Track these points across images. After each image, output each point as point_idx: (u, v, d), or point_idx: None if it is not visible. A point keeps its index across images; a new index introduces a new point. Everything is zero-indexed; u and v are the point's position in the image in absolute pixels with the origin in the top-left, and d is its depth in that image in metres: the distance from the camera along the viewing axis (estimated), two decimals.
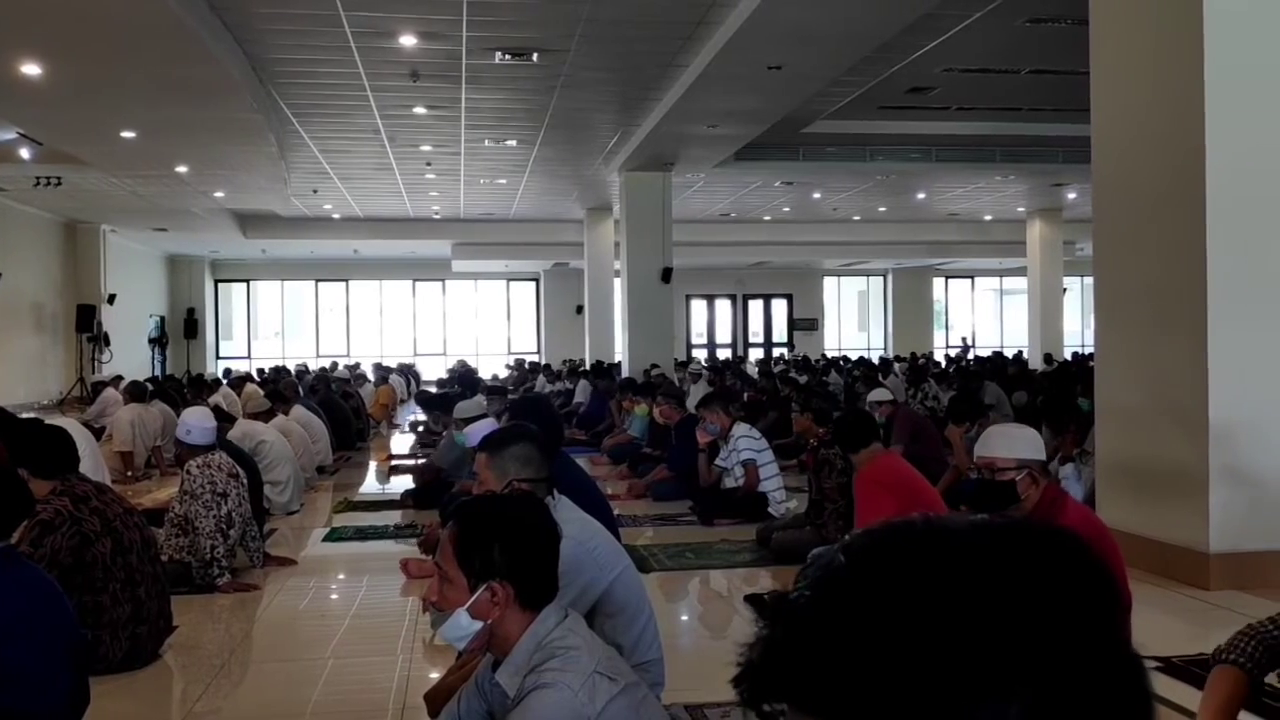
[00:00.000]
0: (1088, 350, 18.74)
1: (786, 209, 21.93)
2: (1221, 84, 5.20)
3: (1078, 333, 26.62)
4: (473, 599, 2.21)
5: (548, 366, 21.20)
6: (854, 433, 5.18)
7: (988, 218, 23.55)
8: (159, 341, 24.96)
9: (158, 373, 22.31)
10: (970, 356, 20.66)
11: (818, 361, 20.66)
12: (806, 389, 11.25)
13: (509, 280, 29.20)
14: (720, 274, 28.31)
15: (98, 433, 9.78)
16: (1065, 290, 22.76)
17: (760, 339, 30.31)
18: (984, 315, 31.62)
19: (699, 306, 29.95)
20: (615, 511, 5.30)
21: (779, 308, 30.48)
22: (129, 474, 9.54)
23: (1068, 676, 0.57)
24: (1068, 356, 19.71)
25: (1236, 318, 5.23)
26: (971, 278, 31.05)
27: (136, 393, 10.52)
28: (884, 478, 4.86)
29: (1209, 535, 5.15)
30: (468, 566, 2.22)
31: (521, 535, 2.27)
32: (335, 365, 21.80)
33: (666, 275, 15.96)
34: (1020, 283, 25.47)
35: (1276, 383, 5.26)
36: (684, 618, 5.45)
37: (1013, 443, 3.41)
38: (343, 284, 28.72)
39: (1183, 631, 4.55)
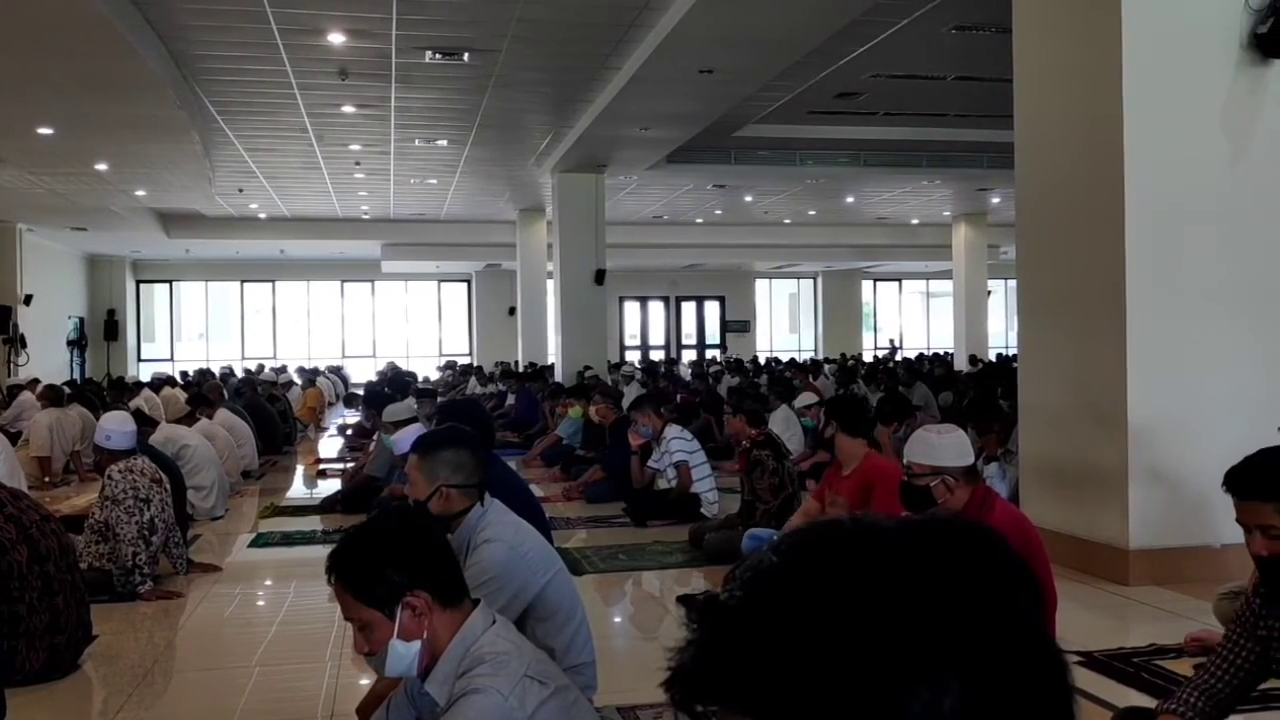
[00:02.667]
0: (1011, 352, 19.13)
1: (718, 212, 22.07)
2: (1140, 92, 5.35)
3: (1002, 334, 27.19)
4: (397, 625, 2.18)
5: (480, 369, 21.07)
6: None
7: (915, 222, 23.94)
8: (78, 344, 24.28)
9: (76, 376, 21.70)
10: (898, 358, 20.96)
11: (750, 363, 20.81)
12: (739, 392, 11.33)
13: (440, 281, 28.94)
14: (653, 276, 28.38)
15: (13, 437, 9.52)
16: (990, 293, 23.22)
17: (693, 341, 30.45)
18: (911, 317, 32.12)
19: (632, 308, 29.99)
20: (548, 514, 5.28)
21: (712, 310, 30.64)
22: (46, 480, 9.29)
23: (994, 669, 0.58)
24: (992, 358, 20.10)
25: (1155, 320, 5.38)
26: (899, 280, 31.53)
27: (54, 396, 10.24)
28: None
29: (1129, 532, 5.29)
30: (375, 601, 2.19)
31: (404, 544, 2.25)
32: (261, 368, 21.41)
33: (600, 277, 15.96)
34: (946, 285, 25.93)
35: (1193, 383, 5.43)
36: (617, 620, 5.45)
37: (930, 449, 3.48)
38: (269, 285, 28.22)
39: (1104, 626, 4.67)
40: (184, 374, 19.62)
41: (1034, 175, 6.12)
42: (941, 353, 21.38)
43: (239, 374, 18.77)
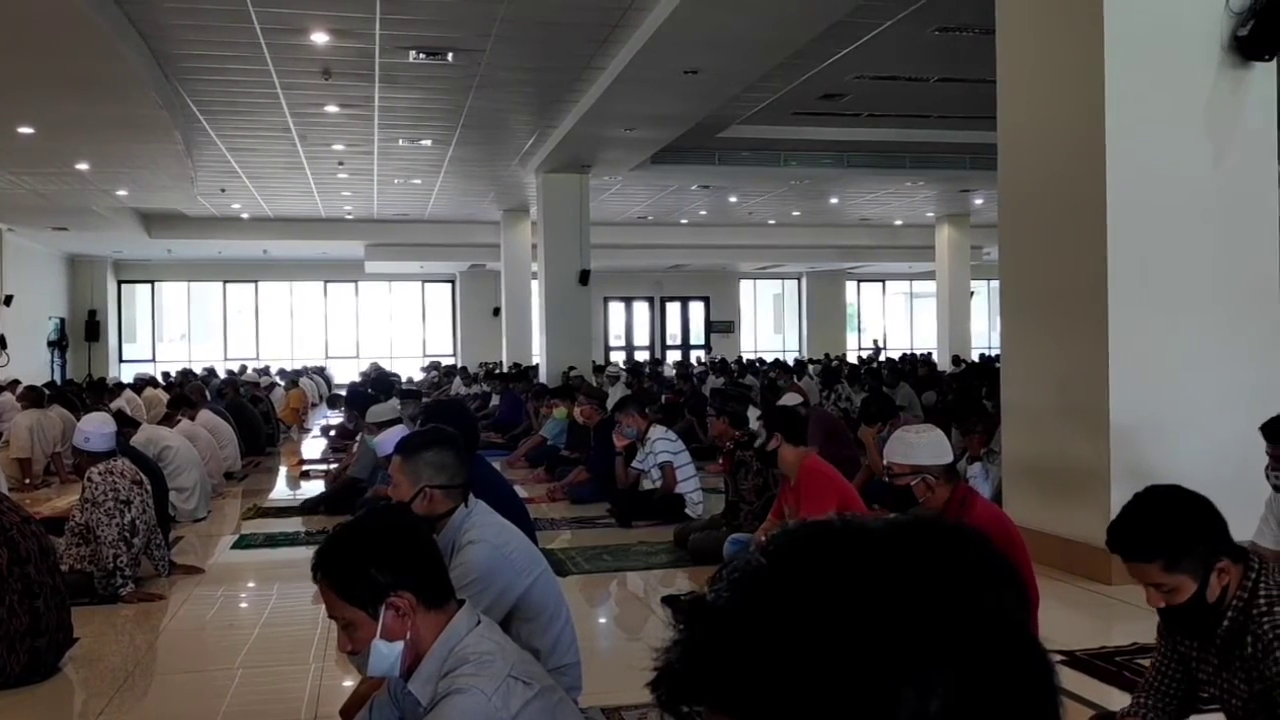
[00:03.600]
0: (994, 352, 19.22)
1: (703, 212, 22.09)
2: (1122, 94, 5.38)
3: (985, 334, 27.31)
4: (380, 625, 2.18)
5: (464, 369, 21.02)
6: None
7: (898, 223, 24.02)
8: (59, 344, 24.11)
9: (57, 377, 21.54)
10: (882, 358, 21.02)
11: (735, 364, 20.83)
12: (722, 393, 11.34)
13: (424, 282, 28.86)
14: (638, 276, 28.38)
15: None
16: (973, 294, 23.32)
17: (678, 341, 30.46)
18: (895, 318, 32.22)
19: (617, 309, 29.99)
20: (533, 515, 5.28)
21: (696, 310, 30.67)
22: (27, 481, 9.22)
23: (981, 669, 0.58)
24: (975, 358, 20.18)
25: (1136, 321, 5.41)
26: (883, 281, 31.62)
27: (34, 398, 10.18)
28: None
29: None
30: (358, 601, 2.19)
31: (389, 544, 2.24)
32: (244, 368, 21.31)
33: (584, 277, 15.96)
34: (929, 286, 26.02)
35: (1174, 384, 5.46)
36: (601, 620, 5.44)
37: (909, 449, 3.50)
38: (252, 285, 28.09)
39: (1086, 625, 4.69)
40: (166, 375, 19.49)
41: (1017, 176, 6.15)
42: (925, 353, 21.45)
43: (221, 375, 18.66)
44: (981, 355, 20.84)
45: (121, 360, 26.80)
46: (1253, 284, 5.62)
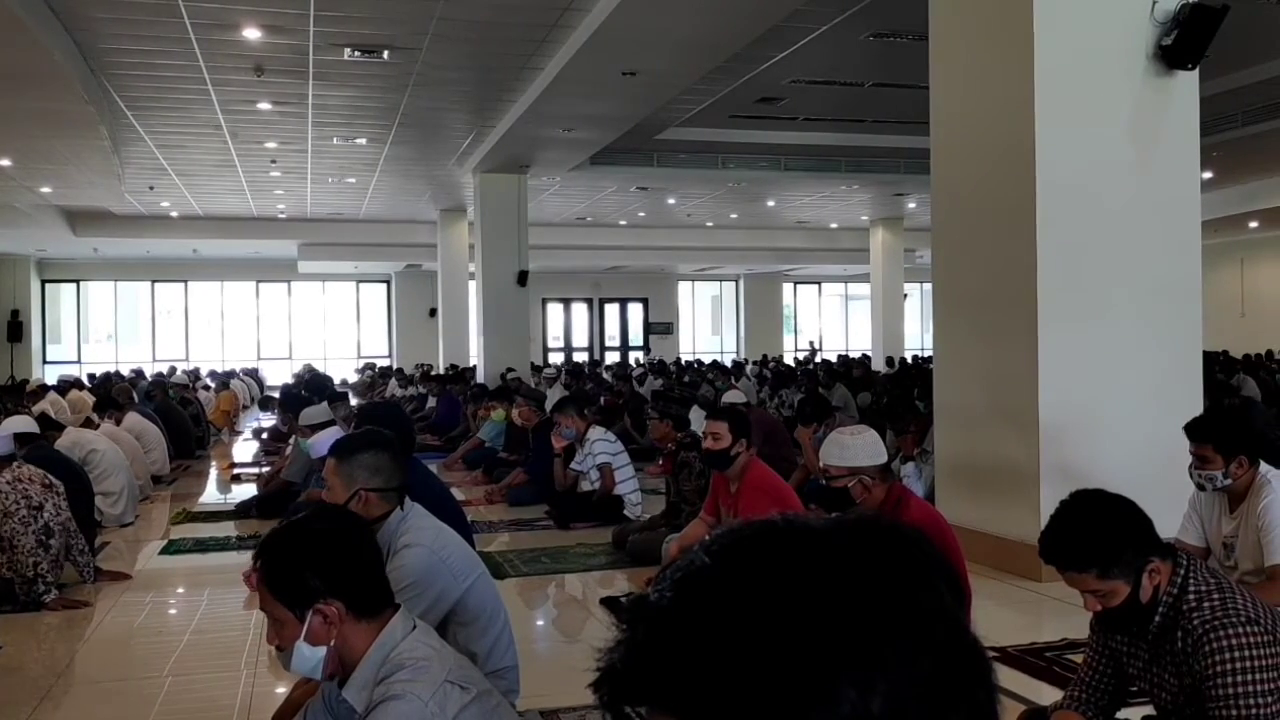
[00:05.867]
0: (927, 354, 19.51)
1: (642, 214, 22.13)
2: (1051, 100, 5.50)
3: (918, 336, 27.71)
4: (304, 629, 2.15)
5: (400, 371, 20.80)
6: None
7: (834, 226, 24.28)
8: None
9: None
10: (818, 359, 21.22)
11: (673, 365, 20.90)
12: (664, 395, 11.36)
13: (359, 282, 28.51)
14: (577, 278, 28.34)
15: None
16: (906, 296, 23.65)
17: (617, 343, 30.47)
18: (831, 320, 32.57)
19: (555, 310, 29.91)
20: (470, 518, 5.24)
21: (635, 311, 30.70)
22: None
23: (921, 667, 0.59)
24: (908, 359, 20.46)
25: (1065, 323, 5.53)
26: (819, 284, 31.94)
27: None
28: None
29: (1040, 529, 5.39)
30: (287, 600, 2.17)
31: (330, 550, 2.22)
32: (173, 370, 20.86)
33: (522, 278, 15.89)
34: (864, 289, 26.34)
35: (1102, 384, 5.59)
36: (540, 623, 5.42)
37: (844, 451, 3.54)
38: (181, 285, 27.51)
39: (1017, 622, 4.78)
40: (92, 376, 19.02)
41: (949, 181, 6.25)
42: (860, 354, 21.72)
43: (149, 377, 18.25)
44: (914, 356, 21.13)
45: (45, 362, 26.07)
46: (1176, 286, 5.78)
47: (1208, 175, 14.18)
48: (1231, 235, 21.40)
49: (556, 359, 27.47)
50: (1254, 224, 20.79)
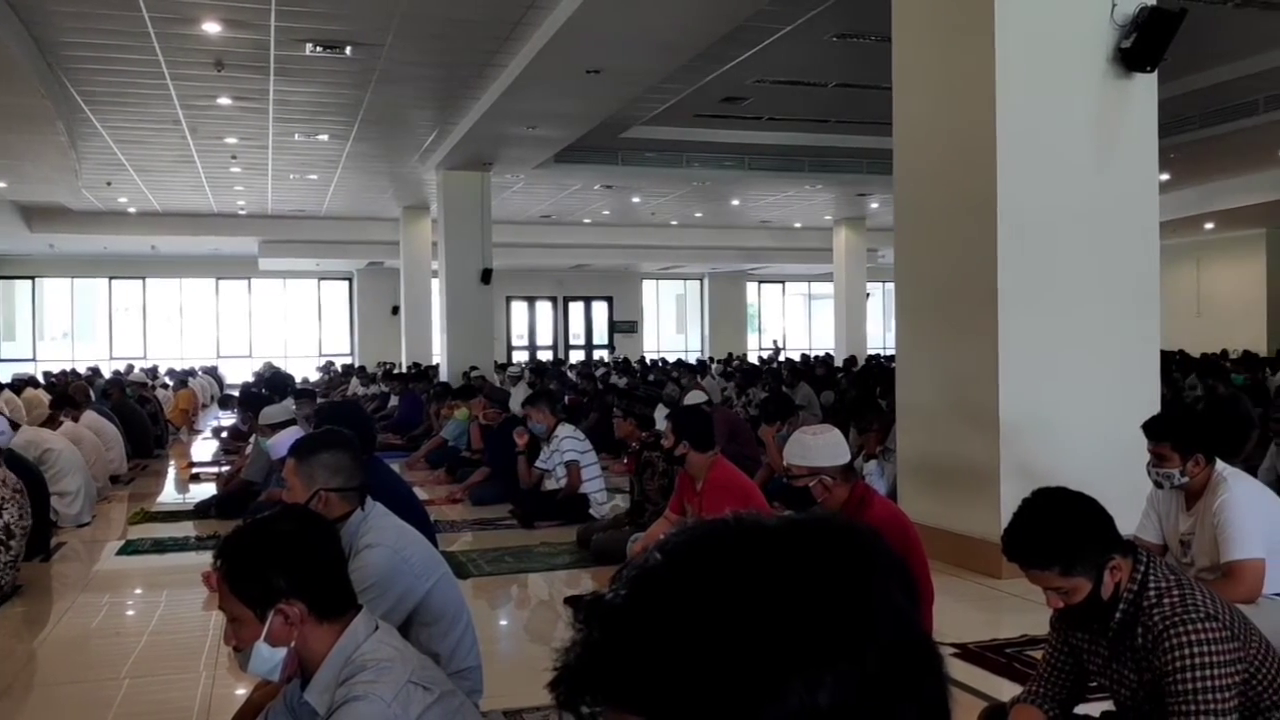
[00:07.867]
0: (889, 353, 19.64)
1: (606, 212, 22.12)
2: (1012, 101, 5.55)
3: (880, 335, 27.90)
4: (265, 629, 2.13)
5: (362, 369, 20.65)
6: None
7: (797, 225, 24.40)
8: None
9: None
10: (781, 358, 21.30)
11: (638, 363, 20.89)
12: (628, 394, 11.36)
13: (320, 279, 28.27)
14: (541, 276, 28.27)
15: None
16: (868, 295, 23.82)
17: (581, 341, 30.44)
18: (794, 319, 32.74)
19: (519, 308, 29.83)
20: (433, 517, 5.21)
21: (599, 310, 30.69)
22: None
23: (868, 664, 0.60)
24: (869, 359, 20.58)
25: (1025, 321, 5.59)
26: (782, 283, 32.11)
27: None
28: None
29: (1000, 527, 5.45)
30: (249, 599, 2.15)
31: (293, 551, 2.20)
32: (130, 368, 20.58)
33: (486, 276, 15.84)
34: (827, 288, 26.50)
35: (1062, 383, 5.65)
36: (503, 623, 5.40)
37: (806, 451, 3.55)
38: (139, 282, 27.15)
39: (978, 619, 4.82)
40: (47, 374, 18.72)
41: (911, 181, 6.29)
42: (823, 353, 21.82)
43: (107, 375, 17.99)
44: (876, 355, 21.28)
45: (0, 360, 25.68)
46: (1134, 285, 5.85)
47: (1165, 177, 14.37)
48: (1188, 236, 21.73)
49: (520, 357, 27.40)
50: (1210, 225, 21.13)
